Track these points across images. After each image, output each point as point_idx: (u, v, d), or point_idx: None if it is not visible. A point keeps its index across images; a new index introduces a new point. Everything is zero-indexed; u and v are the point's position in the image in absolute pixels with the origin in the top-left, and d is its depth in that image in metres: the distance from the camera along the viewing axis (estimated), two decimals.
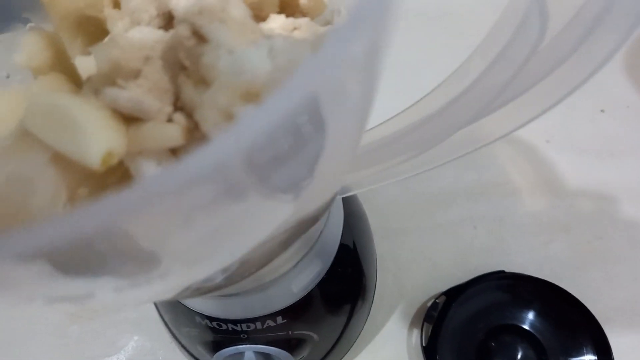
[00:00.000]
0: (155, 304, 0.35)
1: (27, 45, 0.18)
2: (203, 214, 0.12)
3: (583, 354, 0.37)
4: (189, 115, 0.14)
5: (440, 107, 0.22)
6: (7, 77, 0.19)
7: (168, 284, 0.16)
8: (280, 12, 0.17)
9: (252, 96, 0.12)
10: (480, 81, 0.20)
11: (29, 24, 0.19)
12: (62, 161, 0.13)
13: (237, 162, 0.10)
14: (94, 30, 0.18)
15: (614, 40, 0.19)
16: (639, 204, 0.45)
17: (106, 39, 0.15)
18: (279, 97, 0.09)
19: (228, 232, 0.15)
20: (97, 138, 0.13)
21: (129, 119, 0.14)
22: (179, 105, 0.14)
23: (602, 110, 0.49)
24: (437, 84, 0.23)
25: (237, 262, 0.19)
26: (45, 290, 0.12)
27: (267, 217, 0.17)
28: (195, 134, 0.14)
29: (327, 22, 0.18)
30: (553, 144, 0.48)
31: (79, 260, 0.12)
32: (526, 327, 0.39)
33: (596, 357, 0.37)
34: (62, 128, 0.13)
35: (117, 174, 0.14)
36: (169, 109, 0.14)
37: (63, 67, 0.18)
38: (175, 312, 0.33)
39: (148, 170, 0.14)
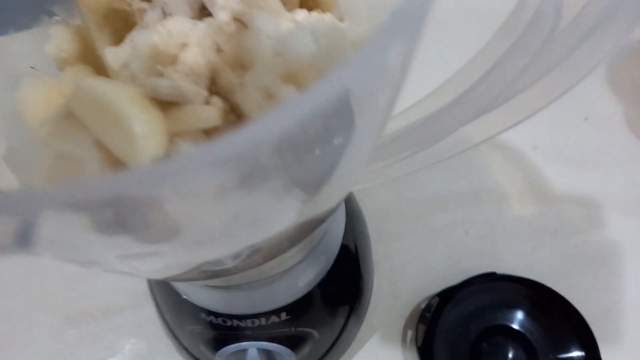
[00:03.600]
0: (158, 304, 0.35)
1: (56, 37, 0.19)
2: (230, 195, 0.13)
3: (571, 352, 0.38)
4: (225, 98, 0.14)
5: (445, 104, 0.23)
6: (32, 68, 0.19)
7: (181, 258, 0.17)
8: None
9: (292, 78, 0.12)
10: (487, 77, 0.21)
11: (55, 17, 0.20)
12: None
13: (270, 146, 0.11)
14: (121, 23, 0.18)
15: (607, 46, 0.20)
16: (621, 209, 0.47)
17: (139, 28, 0.16)
18: (319, 87, 0.09)
19: (247, 219, 0.16)
20: (144, 147, 0.13)
21: (168, 102, 0.14)
22: (213, 90, 0.15)
23: (585, 119, 0.51)
24: (443, 81, 0.24)
25: (249, 251, 0.20)
26: (82, 244, 0.13)
27: (285, 211, 0.17)
28: (229, 117, 0.15)
29: (342, 19, 0.19)
30: (540, 151, 0.50)
31: (113, 219, 0.12)
32: (517, 327, 0.40)
33: (584, 354, 0.38)
34: (107, 121, 0.13)
35: None
36: (205, 92, 0.14)
37: (90, 59, 0.19)
38: (179, 310, 0.33)
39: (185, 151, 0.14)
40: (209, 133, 0.15)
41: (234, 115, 0.15)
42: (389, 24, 0.10)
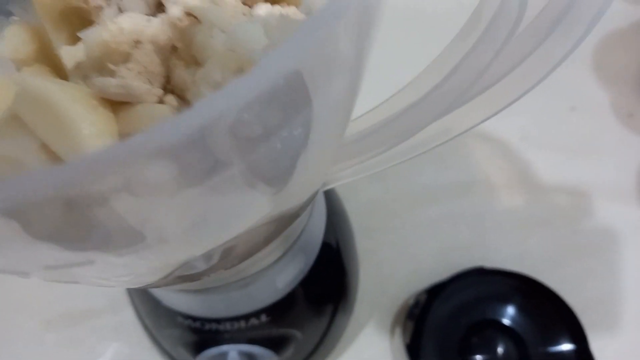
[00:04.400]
0: (136, 308, 0.35)
1: (11, 37, 0.18)
2: (188, 191, 0.13)
3: (561, 345, 0.38)
4: (181, 97, 0.14)
5: (417, 99, 0.23)
6: None
7: (150, 263, 0.16)
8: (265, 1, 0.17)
9: (245, 73, 0.12)
10: (455, 72, 0.21)
11: (12, 17, 0.19)
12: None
13: (220, 130, 0.10)
14: (79, 21, 0.18)
15: (579, 32, 0.20)
16: (612, 199, 0.47)
17: (95, 25, 0.15)
18: (262, 67, 0.09)
19: (212, 217, 0.15)
20: (94, 148, 0.13)
21: (120, 102, 0.14)
22: (168, 88, 0.14)
23: (572, 108, 0.50)
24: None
25: (220, 251, 0.19)
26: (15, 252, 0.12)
27: (252, 206, 0.17)
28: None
29: (309, 12, 0.19)
30: (528, 142, 0.49)
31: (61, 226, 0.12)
32: (506, 321, 0.40)
33: (573, 347, 0.38)
34: (53, 123, 0.13)
35: None
36: (158, 91, 0.14)
37: (48, 58, 0.18)
38: (156, 314, 0.32)
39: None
40: None
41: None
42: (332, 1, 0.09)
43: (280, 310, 0.30)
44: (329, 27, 0.09)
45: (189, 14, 0.13)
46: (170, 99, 0.14)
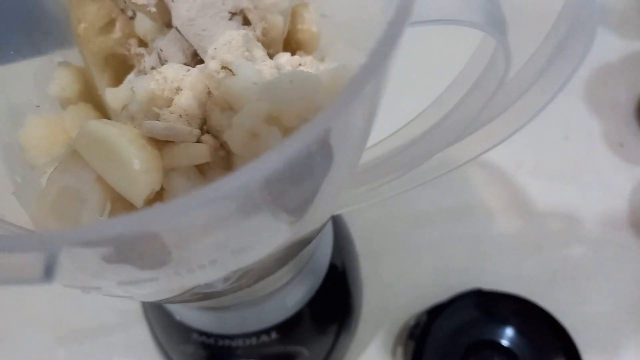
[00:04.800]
0: (151, 323, 0.36)
1: (59, 78, 0.20)
2: (219, 227, 0.14)
3: None
4: (215, 136, 0.16)
5: (420, 133, 0.25)
6: (37, 106, 0.21)
7: (173, 282, 0.18)
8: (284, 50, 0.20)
9: (274, 119, 0.14)
10: (454, 111, 0.23)
11: (58, 60, 0.21)
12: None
13: (257, 186, 0.12)
14: (120, 65, 0.20)
15: (566, 72, 0.22)
16: (603, 223, 0.49)
17: (138, 74, 0.18)
18: (299, 135, 0.11)
19: (236, 245, 0.17)
20: (143, 183, 0.15)
21: (163, 141, 0.16)
22: (205, 129, 0.16)
23: (565, 138, 0.53)
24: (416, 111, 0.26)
25: (239, 274, 0.21)
26: (91, 275, 0.14)
27: (273, 234, 0.19)
28: (219, 152, 0.16)
29: (322, 58, 0.21)
30: (523, 169, 0.51)
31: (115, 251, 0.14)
32: (503, 341, 0.41)
33: None
34: (109, 159, 0.15)
35: None
36: (197, 132, 0.16)
37: (91, 98, 0.20)
38: (171, 329, 0.34)
39: (179, 184, 0.16)
40: (201, 168, 0.16)
41: (224, 151, 0.16)
42: (365, 67, 0.11)
43: (289, 328, 0.32)
44: (363, 91, 0.11)
45: (225, 67, 0.15)
46: (208, 138, 0.16)
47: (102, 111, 0.20)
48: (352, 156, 0.17)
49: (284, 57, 0.18)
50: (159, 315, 0.34)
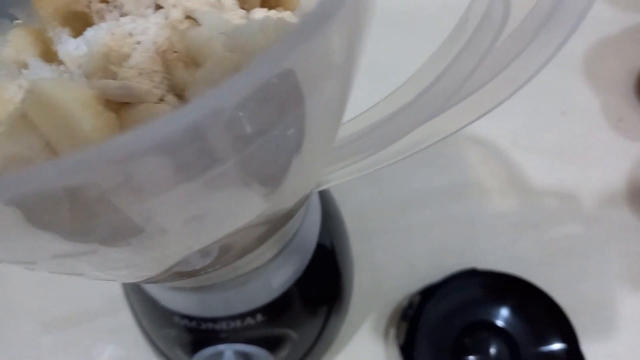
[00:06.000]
0: (133, 309, 0.35)
1: (15, 41, 0.18)
2: (184, 186, 0.13)
3: (553, 344, 0.39)
4: (179, 96, 0.14)
5: (407, 101, 0.23)
6: None
7: (148, 257, 0.17)
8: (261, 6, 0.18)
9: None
10: (443, 75, 0.21)
11: (16, 21, 0.20)
12: None
13: (216, 126, 0.11)
14: (80, 25, 0.18)
15: (563, 33, 0.21)
16: (602, 202, 0.47)
17: (95, 27, 0.16)
18: (257, 65, 0.09)
19: (207, 213, 0.16)
20: (89, 141, 0.13)
21: (122, 103, 0.14)
22: (167, 88, 0.15)
23: (563, 113, 0.51)
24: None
25: (216, 248, 0.20)
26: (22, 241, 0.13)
27: (247, 204, 0.17)
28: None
29: None
30: (519, 146, 0.50)
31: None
32: (498, 322, 0.41)
33: (565, 347, 0.38)
34: (58, 123, 0.13)
35: None
36: (159, 91, 0.14)
37: (50, 61, 0.19)
38: (153, 314, 0.33)
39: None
40: None
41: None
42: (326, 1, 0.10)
43: (276, 310, 0.31)
44: (321, 27, 0.09)
45: (188, 17, 0.14)
46: (171, 98, 0.14)
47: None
48: (329, 116, 0.16)
49: (260, 13, 0.16)
50: (140, 300, 0.33)
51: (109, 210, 0.13)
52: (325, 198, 0.36)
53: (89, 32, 0.15)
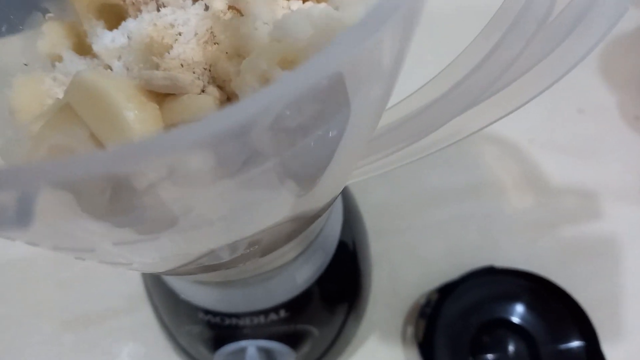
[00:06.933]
0: (155, 306, 0.35)
1: (49, 34, 0.18)
2: (223, 182, 0.13)
3: (571, 342, 0.38)
4: (221, 87, 0.14)
5: (436, 97, 0.23)
6: (26, 65, 0.19)
7: (177, 247, 0.17)
8: None
9: (289, 63, 0.12)
10: (477, 69, 0.21)
11: (48, 14, 0.20)
12: None
13: (261, 124, 0.11)
14: (114, 18, 0.18)
15: (599, 31, 0.20)
16: (620, 200, 0.47)
17: (138, 19, 0.16)
18: (308, 67, 0.09)
19: (241, 209, 0.16)
20: (132, 132, 0.13)
21: (164, 94, 0.14)
22: (209, 79, 0.15)
23: (580, 111, 0.51)
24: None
25: (244, 244, 0.20)
26: (78, 228, 0.13)
27: (279, 203, 0.17)
28: (227, 105, 0.14)
29: (337, 7, 0.19)
30: (536, 144, 0.50)
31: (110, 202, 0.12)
32: (516, 319, 0.40)
33: (584, 344, 0.38)
34: (102, 114, 0.13)
35: None
36: (201, 82, 0.14)
37: (83, 54, 0.19)
38: (176, 310, 0.33)
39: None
40: None
41: (231, 103, 0.14)
42: (380, 5, 0.10)
43: (298, 306, 0.31)
44: (375, 32, 0.09)
45: (232, 7, 0.14)
46: (212, 90, 0.14)
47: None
48: (370, 118, 0.15)
49: (296, 4, 0.16)
50: (163, 296, 0.33)
51: (148, 202, 0.13)
52: (346, 196, 0.36)
53: (131, 23, 0.15)
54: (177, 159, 0.11)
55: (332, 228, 0.32)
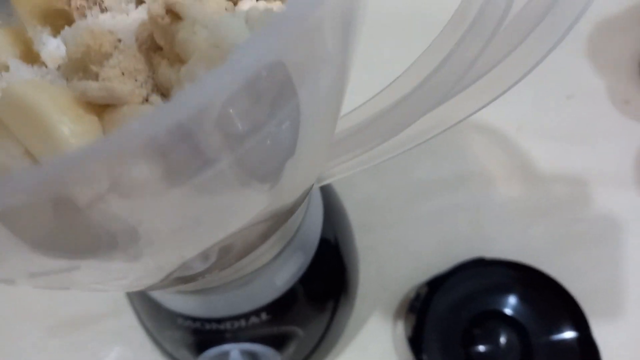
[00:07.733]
0: (137, 311, 0.35)
1: None
2: (176, 190, 0.12)
3: (564, 333, 0.38)
4: (165, 95, 0.14)
5: (409, 91, 0.23)
6: None
7: (146, 265, 0.16)
8: None
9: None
10: (444, 64, 0.21)
11: None
12: None
13: (205, 124, 0.10)
14: (62, 23, 0.17)
15: (571, 16, 0.20)
16: (611, 186, 0.46)
17: (73, 26, 0.15)
18: (239, 56, 0.09)
19: (205, 216, 0.15)
20: (69, 146, 0.12)
21: (105, 105, 0.14)
22: (154, 87, 0.14)
23: (568, 97, 0.50)
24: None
25: (216, 250, 0.19)
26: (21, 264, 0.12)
27: (246, 203, 0.17)
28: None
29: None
30: (524, 132, 0.49)
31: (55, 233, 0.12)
32: (508, 311, 0.40)
33: (576, 334, 0.37)
34: (35, 128, 0.13)
35: None
36: (142, 91, 0.14)
37: (31, 62, 0.18)
38: (157, 317, 0.32)
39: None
40: None
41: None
42: None
43: (281, 308, 0.30)
44: (306, 14, 0.09)
45: (170, 11, 0.13)
46: (155, 98, 0.13)
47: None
48: (325, 109, 0.15)
49: (249, 4, 0.16)
50: (143, 303, 0.33)
51: (97, 219, 0.12)
52: (326, 192, 0.36)
53: (67, 31, 0.14)
54: (116, 166, 0.10)
55: (312, 226, 0.31)
